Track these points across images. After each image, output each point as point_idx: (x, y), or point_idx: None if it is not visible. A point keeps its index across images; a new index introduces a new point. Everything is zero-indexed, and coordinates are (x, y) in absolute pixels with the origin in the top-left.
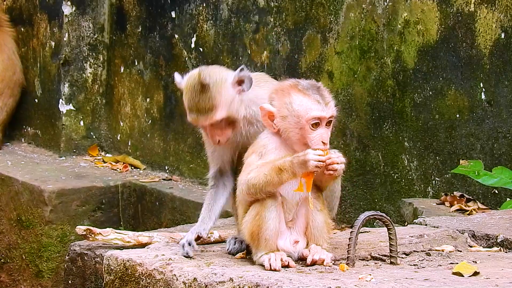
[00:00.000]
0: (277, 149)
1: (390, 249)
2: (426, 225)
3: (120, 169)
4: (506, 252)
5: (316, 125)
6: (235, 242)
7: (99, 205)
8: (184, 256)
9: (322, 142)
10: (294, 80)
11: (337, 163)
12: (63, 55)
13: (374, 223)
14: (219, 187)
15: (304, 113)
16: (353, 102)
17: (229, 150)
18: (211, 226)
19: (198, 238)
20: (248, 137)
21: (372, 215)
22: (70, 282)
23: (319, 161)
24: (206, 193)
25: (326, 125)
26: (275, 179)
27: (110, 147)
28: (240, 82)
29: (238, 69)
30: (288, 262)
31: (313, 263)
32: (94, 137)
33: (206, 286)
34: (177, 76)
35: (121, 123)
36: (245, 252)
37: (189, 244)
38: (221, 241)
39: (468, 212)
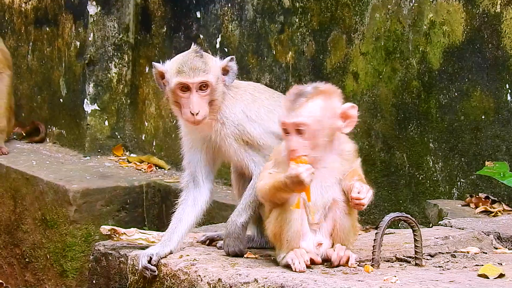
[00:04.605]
0: (286, 158)
1: (415, 250)
2: (451, 226)
3: (144, 169)
4: None
5: (285, 131)
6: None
7: (124, 205)
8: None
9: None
10: (298, 87)
11: (363, 205)
12: (88, 55)
13: (399, 225)
14: (188, 204)
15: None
16: (378, 103)
17: (206, 152)
18: (170, 250)
19: (150, 260)
20: (222, 140)
21: (397, 216)
22: (94, 282)
23: (311, 173)
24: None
25: (297, 132)
26: (277, 196)
27: (135, 147)
28: (225, 71)
29: (228, 58)
30: (313, 259)
31: (338, 260)
32: (118, 137)
33: (231, 286)
34: (156, 64)
35: (146, 123)
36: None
37: (145, 268)
38: None
39: (493, 214)
